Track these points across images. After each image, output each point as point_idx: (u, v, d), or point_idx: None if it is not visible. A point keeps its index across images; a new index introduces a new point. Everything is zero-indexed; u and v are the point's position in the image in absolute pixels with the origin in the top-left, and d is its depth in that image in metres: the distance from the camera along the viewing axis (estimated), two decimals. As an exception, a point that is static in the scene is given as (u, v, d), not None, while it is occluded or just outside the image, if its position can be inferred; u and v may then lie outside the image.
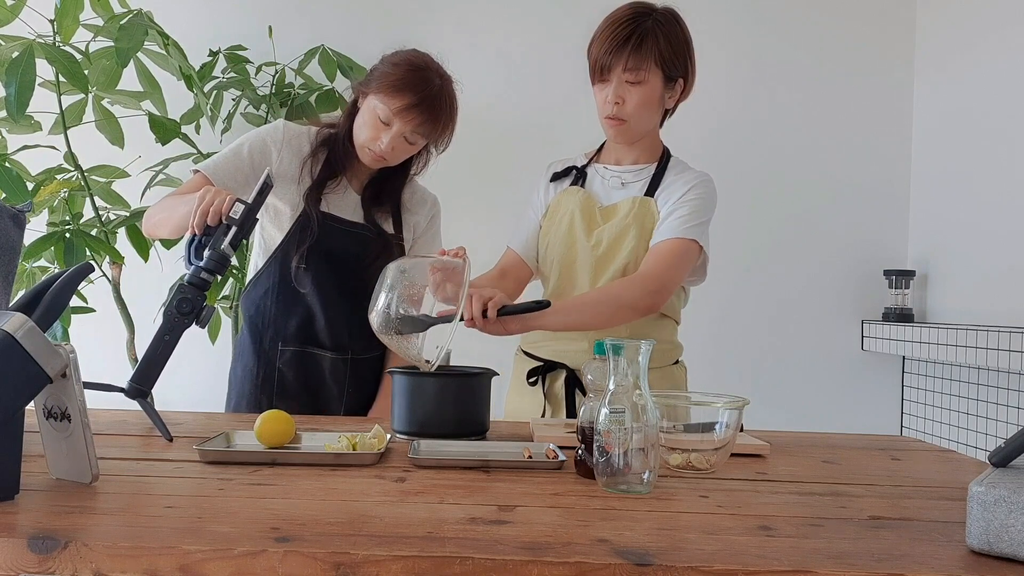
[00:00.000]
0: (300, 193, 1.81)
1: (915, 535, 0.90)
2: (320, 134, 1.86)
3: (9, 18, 2.41)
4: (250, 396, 1.83)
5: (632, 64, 1.62)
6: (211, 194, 1.48)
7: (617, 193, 1.76)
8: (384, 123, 1.73)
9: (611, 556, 0.79)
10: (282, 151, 1.81)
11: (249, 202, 1.46)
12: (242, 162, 1.78)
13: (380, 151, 1.75)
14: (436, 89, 1.74)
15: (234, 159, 1.78)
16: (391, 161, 1.80)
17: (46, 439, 1.04)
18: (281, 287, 1.81)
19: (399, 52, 1.79)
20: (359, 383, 1.89)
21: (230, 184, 1.73)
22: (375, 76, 1.77)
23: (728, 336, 2.97)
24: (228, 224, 1.45)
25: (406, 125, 1.73)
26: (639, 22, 1.63)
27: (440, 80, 1.76)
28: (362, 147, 1.78)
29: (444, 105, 1.76)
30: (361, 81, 1.82)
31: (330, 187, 1.82)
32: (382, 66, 1.78)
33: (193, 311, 1.42)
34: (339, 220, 1.82)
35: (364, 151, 1.78)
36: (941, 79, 2.94)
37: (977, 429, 2.62)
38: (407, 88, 1.71)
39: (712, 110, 2.94)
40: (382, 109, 1.72)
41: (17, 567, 0.79)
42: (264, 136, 1.82)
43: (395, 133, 1.74)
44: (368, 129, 1.75)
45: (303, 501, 0.97)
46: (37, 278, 2.64)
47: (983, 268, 2.67)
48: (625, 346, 1.06)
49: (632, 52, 1.61)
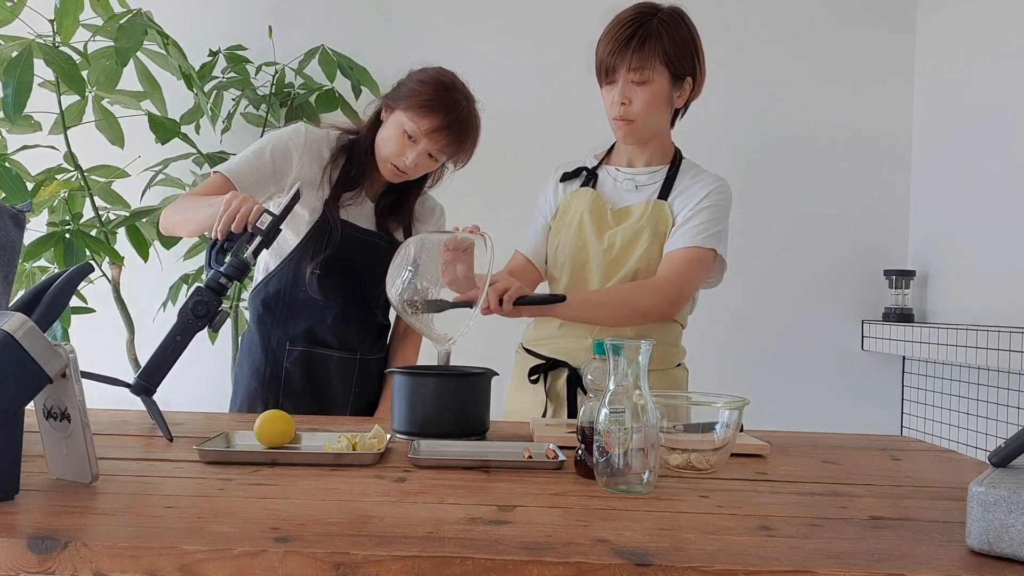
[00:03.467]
0: (319, 199, 1.81)
1: (915, 535, 0.90)
2: (340, 140, 1.86)
3: (9, 18, 2.41)
4: (257, 394, 1.83)
5: (636, 64, 1.62)
6: (237, 200, 1.48)
7: (630, 196, 1.76)
8: (411, 140, 1.74)
9: (611, 556, 0.79)
10: (303, 156, 1.80)
11: (277, 214, 1.47)
12: (264, 165, 1.77)
13: (404, 166, 1.76)
14: (463, 112, 1.75)
15: (256, 162, 1.77)
16: (411, 176, 1.81)
17: (46, 439, 1.04)
18: (292, 290, 1.81)
19: (426, 70, 1.79)
20: (367, 383, 1.90)
21: (251, 187, 1.73)
22: (403, 93, 1.76)
23: (728, 336, 2.97)
24: (252, 233, 1.46)
25: (433, 144, 1.74)
26: (643, 22, 1.63)
27: (466, 101, 1.76)
28: (384, 160, 1.78)
29: (470, 127, 1.77)
30: (388, 95, 1.81)
31: (347, 194, 1.83)
32: (410, 83, 1.77)
33: (208, 314, 1.42)
34: (355, 228, 1.83)
35: (386, 165, 1.78)
36: (941, 79, 2.94)
37: (977, 429, 2.62)
38: (436, 109, 1.72)
39: (712, 109, 2.93)
40: (410, 126, 1.73)
41: (17, 567, 0.79)
42: (286, 140, 1.81)
43: (421, 150, 1.74)
44: (393, 144, 1.75)
45: (303, 501, 0.97)
46: (37, 278, 2.64)
47: (983, 268, 2.67)
48: (625, 346, 1.06)
49: (636, 52, 1.61)
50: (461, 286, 1.56)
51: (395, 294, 1.53)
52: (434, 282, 1.54)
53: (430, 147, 1.75)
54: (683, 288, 1.67)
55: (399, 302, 1.53)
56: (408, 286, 1.51)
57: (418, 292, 1.51)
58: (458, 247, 1.55)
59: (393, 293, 1.53)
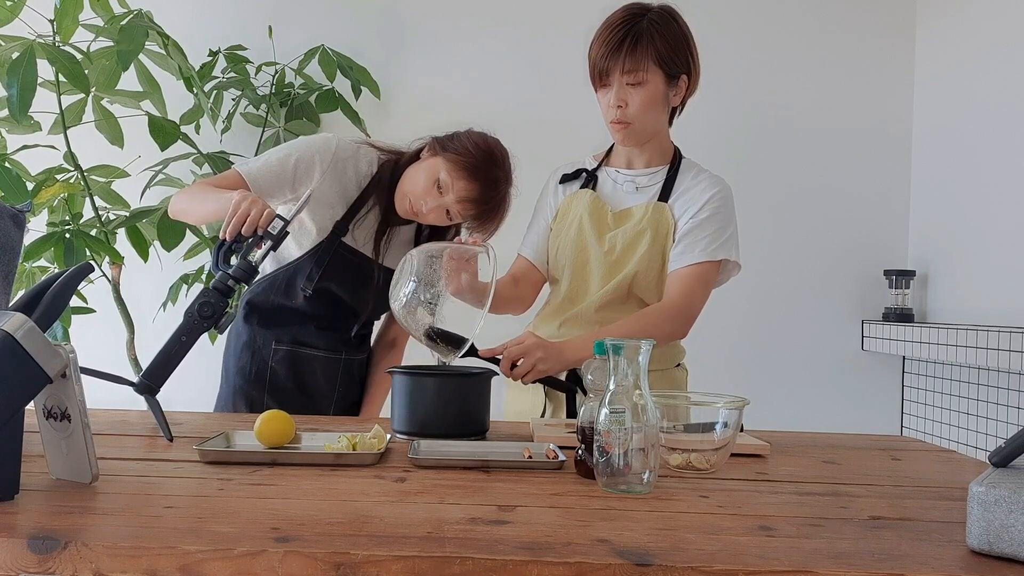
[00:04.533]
0: (330, 219, 1.80)
1: (915, 535, 0.90)
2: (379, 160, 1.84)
3: (9, 18, 2.41)
4: (241, 392, 1.83)
5: (630, 66, 1.61)
6: (247, 203, 1.48)
7: (631, 197, 1.75)
8: (439, 190, 1.72)
9: (611, 556, 0.79)
10: (326, 173, 1.78)
11: (287, 219, 1.47)
12: (286, 173, 1.76)
13: (419, 210, 1.74)
14: (499, 193, 1.74)
15: (279, 169, 1.75)
16: (422, 222, 1.80)
17: (46, 439, 1.04)
18: (284, 299, 1.82)
19: (485, 137, 1.77)
20: (350, 382, 1.91)
21: (265, 191, 1.73)
22: (453, 146, 1.74)
23: (728, 335, 2.97)
24: (262, 236, 1.46)
25: (458, 207, 1.73)
26: (634, 23, 1.62)
27: (505, 183, 1.75)
28: (404, 195, 1.76)
29: (499, 211, 1.77)
30: (438, 139, 1.78)
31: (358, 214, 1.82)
32: (466, 140, 1.74)
33: (213, 315, 1.43)
34: (355, 253, 1.82)
35: (404, 200, 1.76)
36: (941, 79, 2.94)
37: (977, 429, 2.62)
38: (477, 178, 1.71)
39: (711, 109, 2.94)
40: (444, 178, 1.71)
41: (17, 567, 0.79)
42: (314, 153, 1.79)
43: (443, 204, 1.73)
44: (421, 185, 1.73)
45: (303, 501, 0.97)
46: (37, 278, 2.64)
47: (983, 268, 2.67)
48: (625, 346, 1.06)
49: (628, 54, 1.61)
50: (466, 296, 1.56)
51: (399, 307, 1.50)
52: (438, 293, 1.52)
53: (454, 208, 1.73)
54: (695, 308, 1.68)
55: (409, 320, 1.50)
56: (412, 297, 1.49)
57: (422, 303, 1.49)
58: (461, 257, 1.54)
59: (397, 306, 1.51)
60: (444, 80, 3.06)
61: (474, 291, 1.55)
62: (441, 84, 3.05)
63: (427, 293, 1.50)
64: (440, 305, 1.53)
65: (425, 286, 1.50)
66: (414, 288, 1.50)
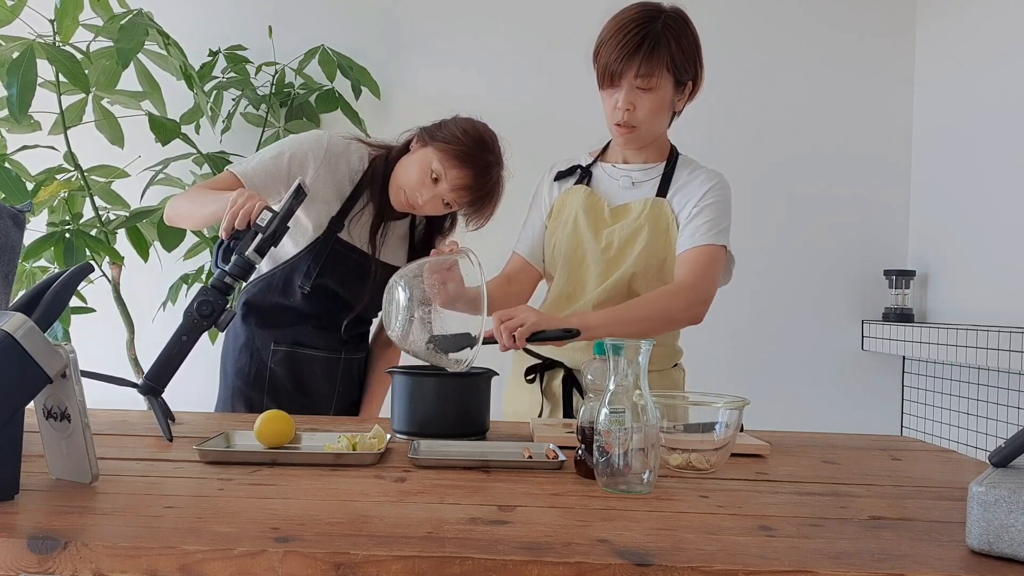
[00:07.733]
0: (326, 215, 1.79)
1: (915, 535, 0.90)
2: (370, 155, 1.84)
3: (9, 18, 2.41)
4: (241, 394, 1.83)
5: (644, 71, 1.58)
6: (243, 199, 1.48)
7: (627, 193, 1.74)
8: (433, 181, 1.71)
9: (611, 556, 0.79)
10: (320, 168, 1.78)
11: (278, 210, 1.46)
12: (280, 171, 1.76)
13: (415, 202, 1.74)
14: (492, 179, 1.74)
15: (272, 167, 1.75)
16: (418, 213, 1.80)
17: (46, 439, 1.04)
18: (281, 298, 1.81)
19: (472, 122, 1.76)
20: (350, 382, 1.91)
21: (262, 190, 1.72)
22: (442, 134, 1.73)
23: (728, 335, 2.97)
24: (255, 230, 1.46)
25: (453, 196, 1.73)
26: (650, 26, 1.59)
27: (497, 167, 1.75)
28: (399, 188, 1.75)
29: (494, 195, 1.76)
30: (426, 129, 1.77)
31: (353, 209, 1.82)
32: (453, 128, 1.73)
33: (213, 314, 1.42)
34: (350, 248, 1.82)
35: (399, 193, 1.75)
36: (941, 79, 2.94)
37: (977, 429, 2.62)
38: (470, 165, 1.70)
39: (712, 109, 2.94)
40: (437, 168, 1.71)
41: (17, 567, 0.79)
42: (307, 149, 1.79)
43: (438, 194, 1.72)
44: (415, 177, 1.72)
45: (303, 501, 0.97)
46: (37, 278, 2.64)
47: (983, 268, 2.67)
48: (625, 346, 1.06)
49: (644, 59, 1.57)
50: (457, 304, 1.54)
51: (398, 336, 1.48)
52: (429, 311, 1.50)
53: (449, 197, 1.73)
54: (708, 288, 1.64)
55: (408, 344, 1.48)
56: (406, 323, 1.47)
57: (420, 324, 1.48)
58: (441, 268, 1.52)
59: (395, 335, 1.49)
60: (444, 80, 3.06)
61: (464, 298, 1.53)
62: (441, 84, 3.05)
63: (421, 311, 1.48)
64: (436, 322, 1.51)
65: (419, 305, 1.48)
66: (407, 316, 1.47)
